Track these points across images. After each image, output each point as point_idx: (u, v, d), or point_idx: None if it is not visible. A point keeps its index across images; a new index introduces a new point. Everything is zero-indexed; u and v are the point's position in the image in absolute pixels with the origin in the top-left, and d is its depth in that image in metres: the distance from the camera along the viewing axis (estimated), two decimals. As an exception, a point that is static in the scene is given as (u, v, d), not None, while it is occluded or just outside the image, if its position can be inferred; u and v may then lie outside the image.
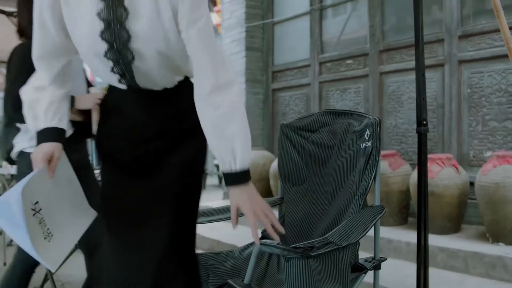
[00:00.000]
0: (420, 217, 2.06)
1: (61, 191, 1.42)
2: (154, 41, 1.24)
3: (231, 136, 1.26)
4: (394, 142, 4.15)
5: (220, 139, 1.26)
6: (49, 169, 1.34)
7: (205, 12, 1.25)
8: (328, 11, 4.86)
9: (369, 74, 4.32)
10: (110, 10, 1.21)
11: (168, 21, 1.23)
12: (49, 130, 1.37)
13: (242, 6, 5.28)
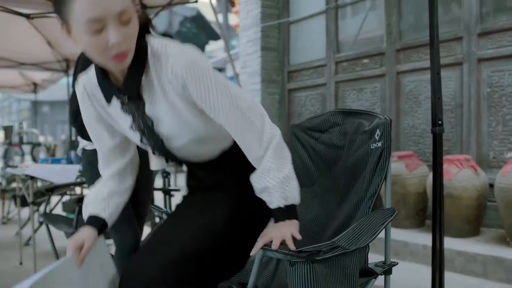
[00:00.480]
0: (436, 219, 2.01)
1: (90, 280, 1.37)
2: (184, 135, 1.30)
3: (284, 179, 1.27)
4: (412, 142, 4.06)
5: (276, 182, 1.27)
6: (79, 258, 1.32)
7: (213, 81, 1.21)
8: (344, 10, 4.80)
9: (385, 74, 4.24)
10: (137, 122, 1.30)
11: (186, 111, 1.25)
12: (91, 218, 1.40)
13: (257, 6, 5.25)
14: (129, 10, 1.11)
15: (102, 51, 1.11)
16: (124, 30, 1.11)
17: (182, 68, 1.17)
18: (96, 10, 1.06)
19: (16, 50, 6.45)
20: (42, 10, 4.30)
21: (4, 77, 8.43)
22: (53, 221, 2.90)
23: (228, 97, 1.22)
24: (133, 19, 1.13)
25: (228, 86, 1.24)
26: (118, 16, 1.09)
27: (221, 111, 1.22)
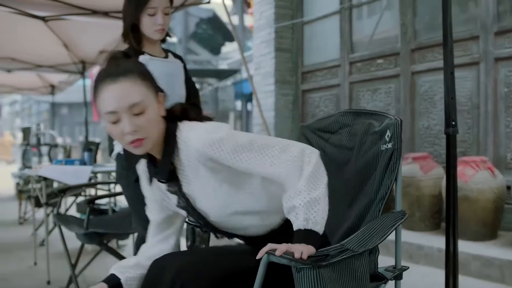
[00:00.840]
0: (449, 222, 1.97)
1: None
2: (221, 210, 1.37)
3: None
4: (427, 144, 4.00)
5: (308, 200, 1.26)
6: None
7: (236, 145, 1.27)
8: (358, 10, 4.75)
9: (400, 74, 4.19)
10: (179, 200, 1.40)
11: (219, 186, 1.33)
12: (110, 275, 1.47)
13: (271, 7, 5.23)
14: (142, 104, 1.24)
15: (120, 138, 1.27)
16: (136, 120, 1.24)
17: (203, 146, 1.26)
18: (111, 105, 1.23)
19: (33, 53, 6.53)
20: (57, 12, 4.33)
21: (22, 79, 8.55)
22: (65, 222, 2.91)
23: (256, 151, 1.27)
24: (148, 110, 1.25)
25: (252, 141, 1.28)
26: (130, 109, 1.23)
27: (256, 166, 1.27)
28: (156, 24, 1.99)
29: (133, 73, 1.26)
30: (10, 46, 6.28)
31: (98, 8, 4.37)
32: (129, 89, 1.24)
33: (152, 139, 1.28)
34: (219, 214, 1.38)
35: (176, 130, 1.32)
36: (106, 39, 5.90)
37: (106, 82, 1.24)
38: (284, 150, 1.29)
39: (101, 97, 1.25)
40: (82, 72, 7.21)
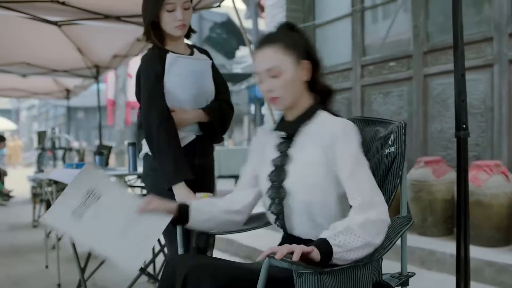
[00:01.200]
0: (460, 227, 1.93)
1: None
2: (305, 190, 1.45)
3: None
4: (440, 148, 3.93)
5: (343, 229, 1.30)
6: (141, 207, 1.51)
7: (355, 150, 1.41)
8: (370, 12, 4.71)
9: (413, 77, 4.13)
10: (279, 158, 1.53)
11: (319, 165, 1.43)
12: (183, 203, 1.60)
13: (282, 10, 5.21)
14: (277, 68, 1.44)
15: (264, 95, 1.50)
16: (272, 82, 1.46)
17: (340, 129, 1.41)
18: (255, 67, 1.50)
19: (48, 57, 6.60)
20: (69, 17, 4.37)
21: (38, 84, 8.66)
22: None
23: (358, 165, 1.40)
24: (283, 74, 1.44)
25: (362, 160, 1.42)
26: (267, 72, 1.45)
27: (347, 170, 1.38)
28: (176, 20, 1.94)
29: (277, 42, 1.46)
30: (25, 51, 6.37)
31: (110, 12, 4.39)
32: (268, 56, 1.46)
33: (287, 99, 1.47)
34: (298, 195, 1.44)
35: (320, 106, 1.51)
36: (119, 44, 5.94)
37: (256, 48, 1.51)
38: (367, 180, 1.40)
39: (254, 60, 1.53)
40: (96, 76, 7.27)
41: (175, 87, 1.99)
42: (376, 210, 1.33)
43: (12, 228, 5.54)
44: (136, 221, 1.45)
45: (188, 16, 1.98)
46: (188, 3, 1.97)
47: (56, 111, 26.23)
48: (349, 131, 1.42)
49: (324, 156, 1.42)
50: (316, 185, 1.42)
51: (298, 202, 1.45)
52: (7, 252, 4.27)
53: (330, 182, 1.42)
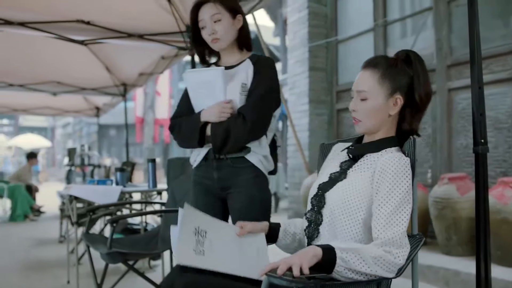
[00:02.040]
0: (480, 246, 1.84)
1: (245, 251, 1.55)
2: (342, 208, 1.45)
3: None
4: (465, 164, 3.81)
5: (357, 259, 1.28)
6: (240, 231, 1.56)
7: (399, 191, 1.38)
8: (392, 27, 4.65)
9: (436, 91, 4.04)
10: (336, 173, 1.55)
11: (361, 193, 1.43)
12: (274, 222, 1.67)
13: (305, 26, 5.21)
14: (365, 93, 1.46)
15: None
16: (359, 103, 1.49)
17: (392, 165, 1.39)
18: (353, 85, 1.52)
19: (78, 76, 6.78)
20: (94, 36, 4.48)
21: (69, 102, 8.89)
22: (92, 241, 2.93)
23: (403, 204, 1.36)
24: (369, 100, 1.47)
25: (403, 201, 1.37)
26: (358, 93, 1.48)
27: (390, 207, 1.35)
28: (208, 35, 1.96)
29: (376, 68, 1.48)
30: (55, 70, 6.55)
31: (133, 31, 4.48)
32: (364, 78, 1.48)
33: (366, 125, 1.50)
34: (333, 209, 1.45)
35: (395, 143, 1.52)
36: (144, 62, 6.05)
37: (362, 66, 1.53)
38: (400, 228, 1.35)
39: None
40: (124, 94, 7.41)
41: (192, 100, 2.04)
42: (398, 252, 1.31)
43: (40, 243, 5.62)
44: (243, 243, 1.55)
45: (220, 27, 1.95)
46: (218, 15, 1.94)
47: (89, 129, 26.83)
48: (402, 168, 1.39)
49: (370, 186, 1.42)
50: (351, 208, 1.42)
51: (329, 217, 1.47)
52: (32, 266, 4.33)
53: (366, 211, 1.41)
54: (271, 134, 2.12)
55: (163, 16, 4.25)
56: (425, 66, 1.53)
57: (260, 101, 1.97)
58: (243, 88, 2.00)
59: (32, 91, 7.09)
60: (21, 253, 4.94)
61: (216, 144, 1.98)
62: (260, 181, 2.01)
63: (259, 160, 2.00)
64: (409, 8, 4.61)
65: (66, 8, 4.11)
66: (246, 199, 1.99)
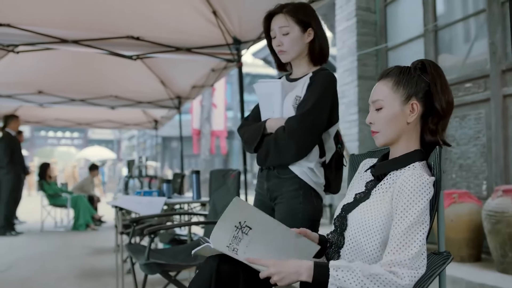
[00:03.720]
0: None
1: (292, 251, 1.50)
2: (359, 229, 1.42)
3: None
4: (524, 175, 3.57)
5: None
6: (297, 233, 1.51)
7: (416, 210, 1.30)
8: (443, 32, 4.46)
9: (490, 98, 3.82)
10: (361, 194, 1.52)
11: (381, 215, 1.38)
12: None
13: (353, 35, 5.11)
14: (380, 102, 1.43)
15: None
16: (374, 114, 1.46)
17: (411, 183, 1.33)
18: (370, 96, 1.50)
19: (134, 90, 7.04)
20: (143, 51, 4.63)
21: (129, 115, 9.24)
22: (134, 251, 2.99)
23: (417, 224, 1.29)
24: (385, 109, 1.43)
25: (417, 221, 1.29)
26: (373, 103, 1.46)
27: (403, 226, 1.29)
28: (276, 46, 1.99)
29: (389, 77, 1.46)
30: (113, 85, 6.85)
31: (181, 45, 4.59)
32: (378, 88, 1.46)
33: (384, 136, 1.46)
34: (353, 231, 1.42)
35: (419, 156, 1.45)
36: (196, 75, 6.19)
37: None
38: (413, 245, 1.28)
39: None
40: (178, 107, 7.59)
41: (260, 108, 2.11)
42: (405, 273, 1.23)
43: (97, 252, 5.82)
44: (293, 246, 1.50)
45: (287, 41, 1.96)
46: (286, 28, 1.95)
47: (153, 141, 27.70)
48: (420, 187, 1.32)
49: (389, 205, 1.37)
50: (369, 230, 1.38)
51: (350, 239, 1.44)
52: (86, 274, 4.48)
53: (386, 233, 1.36)
54: (331, 152, 2.06)
55: (210, 29, 4.33)
56: (442, 73, 1.46)
57: (306, 115, 1.91)
58: (296, 101, 1.99)
59: (92, 105, 7.43)
60: (78, 261, 5.14)
61: (260, 156, 2.04)
62: (303, 193, 1.97)
63: (303, 172, 1.97)
64: (461, 11, 4.41)
65: (116, 25, 4.29)
66: (287, 211, 1.99)
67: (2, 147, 7.35)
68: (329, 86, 1.94)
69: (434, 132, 1.44)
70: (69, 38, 4.27)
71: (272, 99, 2.03)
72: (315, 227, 1.97)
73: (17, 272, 4.56)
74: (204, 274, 1.41)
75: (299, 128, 1.90)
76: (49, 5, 3.91)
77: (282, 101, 2.01)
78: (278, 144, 1.95)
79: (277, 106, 2.02)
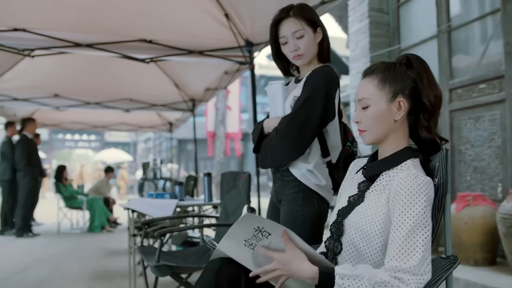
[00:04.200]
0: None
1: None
2: (356, 232, 1.40)
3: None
4: (540, 177, 3.50)
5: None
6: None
7: (416, 212, 1.27)
8: (457, 32, 4.40)
9: (505, 99, 3.76)
10: (355, 198, 1.47)
11: (377, 216, 1.36)
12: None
13: (366, 36, 5.08)
14: (366, 100, 1.40)
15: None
16: (361, 113, 1.42)
17: (407, 185, 1.30)
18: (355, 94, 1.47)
19: (148, 93, 7.09)
20: (156, 54, 4.65)
21: (143, 118, 9.31)
22: (145, 253, 3.01)
23: (418, 228, 1.26)
24: (371, 107, 1.40)
25: (417, 224, 1.26)
26: (359, 102, 1.42)
27: (404, 230, 1.26)
28: (290, 52, 1.97)
29: (374, 74, 1.42)
30: (128, 88, 6.90)
31: (193, 48, 4.60)
32: (363, 86, 1.43)
33: (372, 135, 1.43)
34: (350, 236, 1.40)
35: (410, 153, 1.43)
36: (209, 77, 6.21)
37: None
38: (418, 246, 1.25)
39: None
40: (192, 109, 7.63)
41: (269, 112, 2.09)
42: (411, 279, 1.21)
43: (111, 254, 5.87)
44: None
45: (302, 43, 1.94)
46: (300, 32, 1.93)
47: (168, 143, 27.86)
48: (417, 188, 1.29)
49: (386, 208, 1.35)
50: (368, 234, 1.36)
51: (348, 245, 1.41)
52: (100, 276, 4.52)
53: (385, 237, 1.34)
54: (337, 151, 2.02)
55: (222, 31, 4.34)
56: (428, 67, 1.43)
57: (295, 114, 1.91)
58: (294, 101, 1.99)
59: (107, 108, 7.50)
60: (92, 263, 5.18)
61: (260, 158, 2.05)
62: (302, 196, 1.96)
63: (302, 174, 1.96)
64: (475, 11, 4.36)
65: (129, 28, 4.32)
66: (288, 214, 1.99)
67: (19, 150, 7.46)
68: (321, 83, 1.90)
69: (429, 128, 1.41)
70: (83, 42, 4.32)
71: (276, 101, 2.04)
72: (316, 231, 1.95)
73: (32, 273, 4.63)
74: (206, 277, 1.41)
75: (288, 128, 1.90)
76: (63, 9, 3.96)
77: (284, 102, 2.02)
78: (272, 146, 1.96)
79: (280, 107, 2.03)
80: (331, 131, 1.98)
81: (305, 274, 1.26)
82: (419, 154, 1.46)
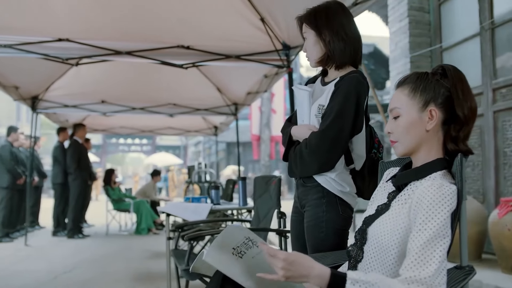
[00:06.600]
0: None
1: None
2: (379, 242, 1.38)
3: None
4: None
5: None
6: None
7: (436, 220, 1.24)
8: (500, 29, 4.21)
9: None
10: (383, 207, 1.44)
11: (399, 227, 1.33)
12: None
13: (406, 36, 4.96)
14: (397, 110, 1.39)
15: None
16: (392, 123, 1.42)
17: (430, 195, 1.26)
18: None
19: (191, 97, 7.23)
20: (193, 60, 4.74)
21: (189, 122, 9.49)
22: (178, 256, 3.07)
23: (437, 238, 1.22)
24: (402, 117, 1.39)
25: (437, 235, 1.22)
26: (391, 111, 1.42)
27: (422, 239, 1.22)
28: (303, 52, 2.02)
29: (405, 84, 1.41)
30: (172, 93, 7.06)
31: (230, 53, 4.65)
32: (395, 96, 1.43)
33: (403, 145, 1.41)
34: (371, 245, 1.39)
35: (440, 165, 1.38)
36: (250, 81, 6.26)
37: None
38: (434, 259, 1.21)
39: None
40: (235, 113, 7.70)
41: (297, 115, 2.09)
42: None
43: (155, 256, 6.00)
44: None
45: (307, 46, 1.97)
46: (305, 34, 1.98)
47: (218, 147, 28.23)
48: (440, 198, 1.25)
49: (407, 219, 1.31)
50: (383, 245, 1.34)
51: (369, 254, 1.40)
52: (141, 277, 4.63)
53: (401, 248, 1.31)
54: (361, 160, 1.99)
55: (258, 36, 4.37)
56: (464, 78, 1.39)
57: (327, 131, 1.87)
58: (319, 110, 1.97)
59: (152, 113, 7.70)
60: (136, 264, 5.33)
61: (288, 167, 2.05)
62: (326, 202, 1.95)
63: (326, 180, 1.94)
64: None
65: (167, 35, 4.43)
66: (312, 219, 1.98)
67: (70, 154, 7.78)
68: (351, 94, 1.86)
69: (455, 139, 1.37)
70: (123, 50, 4.46)
71: (303, 108, 2.03)
72: (340, 236, 1.93)
73: (79, 273, 4.81)
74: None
75: (320, 144, 1.87)
76: (103, 19, 4.11)
77: (310, 110, 2.00)
78: (302, 159, 1.95)
79: (306, 115, 2.02)
80: (356, 142, 1.96)
81: (316, 273, 1.22)
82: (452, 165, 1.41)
